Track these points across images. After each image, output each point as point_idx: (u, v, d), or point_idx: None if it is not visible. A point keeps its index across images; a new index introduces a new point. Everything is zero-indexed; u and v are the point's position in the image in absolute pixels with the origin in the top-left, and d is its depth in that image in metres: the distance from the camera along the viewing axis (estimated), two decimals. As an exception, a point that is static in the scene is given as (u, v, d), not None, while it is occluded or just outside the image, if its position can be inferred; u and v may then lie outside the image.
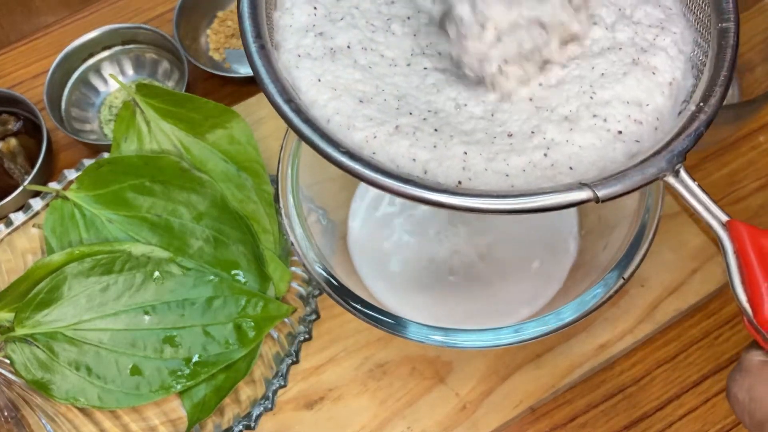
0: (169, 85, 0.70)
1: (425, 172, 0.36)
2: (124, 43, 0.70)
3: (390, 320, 0.46)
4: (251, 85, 0.69)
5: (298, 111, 0.35)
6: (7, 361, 0.52)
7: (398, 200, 0.58)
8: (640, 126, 0.36)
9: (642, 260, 0.45)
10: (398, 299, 0.54)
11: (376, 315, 0.46)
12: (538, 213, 0.33)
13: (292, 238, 0.48)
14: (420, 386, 0.54)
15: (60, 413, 0.52)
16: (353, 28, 0.41)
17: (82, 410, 0.53)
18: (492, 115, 0.39)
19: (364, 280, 0.55)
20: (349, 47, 0.40)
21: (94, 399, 0.51)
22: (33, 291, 0.52)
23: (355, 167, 0.34)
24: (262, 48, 0.37)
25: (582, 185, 0.33)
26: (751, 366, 0.33)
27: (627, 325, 0.55)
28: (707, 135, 0.61)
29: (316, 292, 0.56)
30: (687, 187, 0.34)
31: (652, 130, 0.36)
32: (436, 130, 0.37)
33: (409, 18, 0.42)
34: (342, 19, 0.41)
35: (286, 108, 0.35)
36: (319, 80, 0.38)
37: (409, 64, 0.41)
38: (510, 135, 0.37)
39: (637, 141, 0.36)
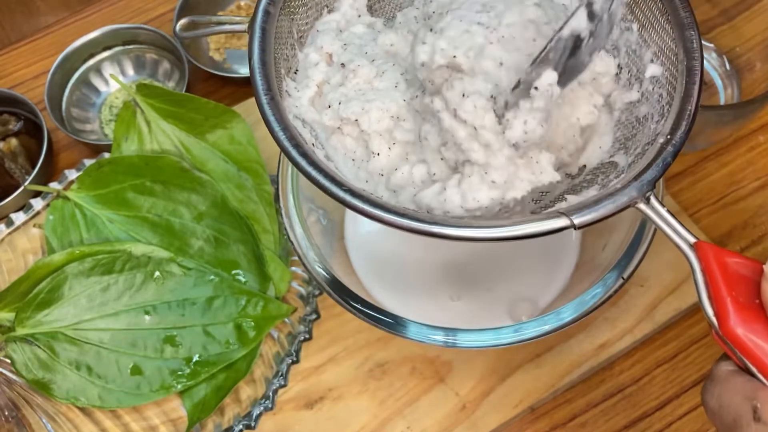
0: (170, 85, 0.70)
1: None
2: (124, 44, 0.70)
3: (390, 320, 0.46)
4: (251, 86, 0.69)
5: (305, 155, 0.39)
6: (8, 361, 0.52)
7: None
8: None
9: (641, 260, 0.45)
10: (397, 300, 0.54)
11: (376, 315, 0.46)
12: (521, 240, 0.36)
13: (292, 238, 0.48)
14: (420, 386, 0.54)
15: (60, 413, 0.53)
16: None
17: (82, 410, 0.53)
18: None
19: (362, 281, 0.55)
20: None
21: (94, 398, 0.51)
22: (34, 291, 0.52)
23: (357, 204, 0.37)
24: (272, 100, 0.40)
25: (560, 214, 0.35)
26: (720, 375, 0.35)
27: (627, 324, 0.55)
28: (708, 135, 0.62)
29: (316, 292, 0.56)
30: (657, 212, 0.36)
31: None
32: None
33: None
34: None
35: (294, 152, 0.39)
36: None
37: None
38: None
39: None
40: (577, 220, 0.35)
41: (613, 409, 0.54)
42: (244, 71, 0.71)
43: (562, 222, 0.35)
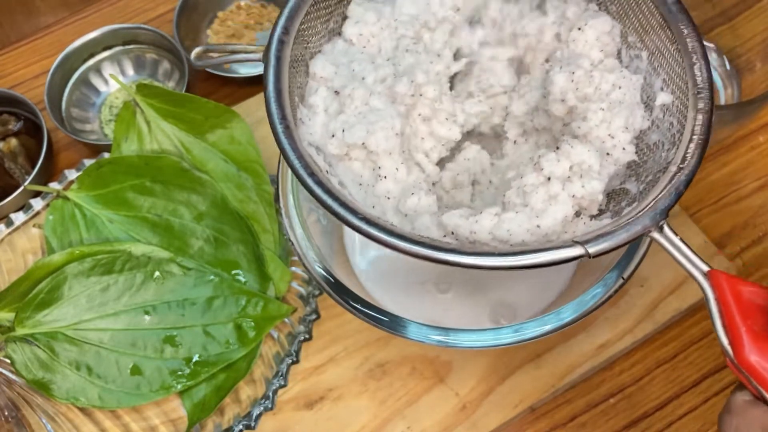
0: (170, 85, 0.70)
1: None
2: (124, 44, 0.70)
3: (389, 320, 0.46)
4: (251, 86, 0.69)
5: (320, 183, 0.39)
6: (8, 361, 0.52)
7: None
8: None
9: (641, 260, 0.46)
10: (396, 300, 0.54)
11: (376, 315, 0.46)
12: (536, 269, 0.36)
13: (292, 238, 0.48)
14: (420, 386, 0.54)
15: (60, 413, 0.53)
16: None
17: (82, 410, 0.53)
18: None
19: (362, 281, 0.55)
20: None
21: (94, 399, 0.51)
22: (33, 291, 0.52)
23: (371, 232, 0.37)
24: (287, 128, 0.41)
25: (575, 243, 0.36)
26: (736, 407, 0.35)
27: (627, 325, 0.55)
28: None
29: (316, 292, 0.56)
30: (671, 241, 0.36)
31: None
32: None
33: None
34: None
35: (310, 181, 0.39)
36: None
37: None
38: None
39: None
40: (592, 249, 0.35)
41: (613, 409, 0.54)
42: (244, 71, 0.71)
43: (577, 251, 0.35)
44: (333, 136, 0.43)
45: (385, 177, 0.43)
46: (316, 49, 0.46)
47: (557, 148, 0.41)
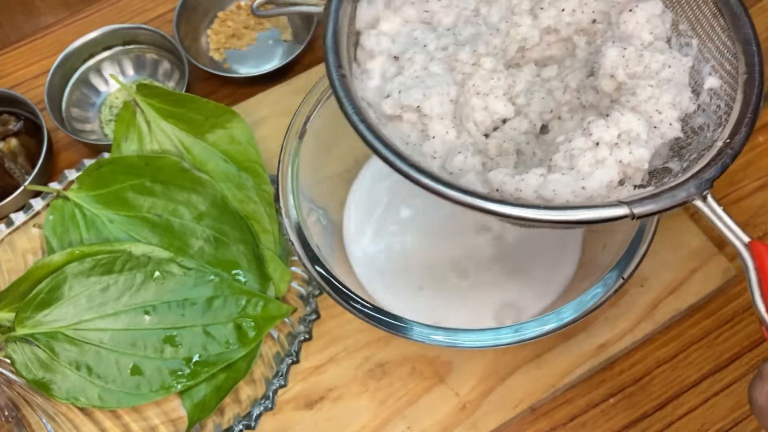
0: (170, 85, 0.70)
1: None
2: (124, 44, 0.70)
3: (390, 320, 0.46)
4: (251, 86, 0.69)
5: (372, 129, 0.40)
6: (8, 361, 0.52)
7: (390, 200, 0.58)
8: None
9: (641, 260, 0.46)
10: (397, 299, 0.54)
11: (377, 315, 0.46)
12: (581, 226, 0.38)
13: (292, 238, 0.48)
14: (420, 386, 0.54)
15: (60, 413, 0.53)
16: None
17: (82, 410, 0.53)
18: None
19: (361, 280, 0.55)
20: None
21: (94, 399, 0.51)
22: (33, 291, 0.52)
23: (420, 178, 0.38)
24: (343, 77, 0.42)
25: (620, 203, 0.36)
26: None
27: (627, 325, 0.55)
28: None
29: (316, 292, 0.56)
30: (713, 210, 0.38)
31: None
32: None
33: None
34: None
35: (362, 126, 0.40)
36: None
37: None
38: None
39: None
40: (637, 210, 0.36)
41: (613, 409, 0.54)
42: (244, 71, 0.71)
43: (623, 210, 0.36)
44: (388, 96, 0.43)
45: (433, 137, 0.43)
46: (371, 13, 0.47)
47: (607, 115, 0.41)
